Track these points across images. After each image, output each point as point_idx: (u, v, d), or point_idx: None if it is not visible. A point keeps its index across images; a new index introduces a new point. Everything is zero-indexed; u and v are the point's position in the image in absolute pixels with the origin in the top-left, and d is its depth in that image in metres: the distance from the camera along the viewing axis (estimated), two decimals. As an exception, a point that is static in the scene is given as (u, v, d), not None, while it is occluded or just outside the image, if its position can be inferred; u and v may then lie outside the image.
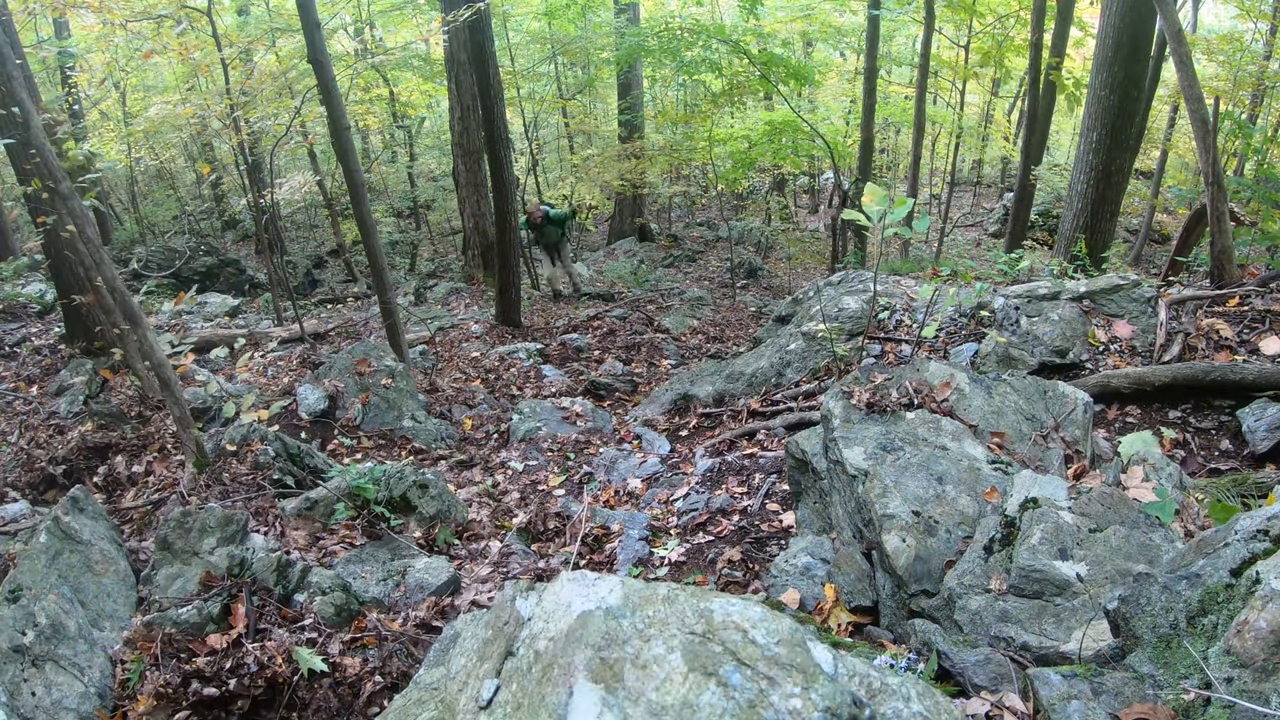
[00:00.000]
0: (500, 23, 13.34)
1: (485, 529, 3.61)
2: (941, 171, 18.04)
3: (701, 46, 9.84)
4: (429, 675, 1.31)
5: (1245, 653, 1.15)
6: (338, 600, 2.62)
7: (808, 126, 11.19)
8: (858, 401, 2.62)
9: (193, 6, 7.56)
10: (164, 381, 3.70)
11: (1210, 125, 4.65)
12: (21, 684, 2.04)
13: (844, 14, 13.91)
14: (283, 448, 3.91)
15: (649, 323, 9.02)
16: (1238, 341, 3.89)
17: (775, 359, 5.26)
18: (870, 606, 2.24)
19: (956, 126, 15.04)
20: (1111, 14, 7.28)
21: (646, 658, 0.86)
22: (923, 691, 0.95)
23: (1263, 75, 10.64)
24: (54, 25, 11.96)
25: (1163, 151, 12.71)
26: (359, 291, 11.86)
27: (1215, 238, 4.55)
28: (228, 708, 2.14)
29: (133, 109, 13.22)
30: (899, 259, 10.35)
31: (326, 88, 5.41)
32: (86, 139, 7.08)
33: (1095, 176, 7.59)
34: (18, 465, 4.42)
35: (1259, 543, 1.31)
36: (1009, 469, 2.35)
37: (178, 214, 16.79)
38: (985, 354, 4.30)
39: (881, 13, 10.27)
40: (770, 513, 3.42)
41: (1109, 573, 1.71)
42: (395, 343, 5.99)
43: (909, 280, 5.91)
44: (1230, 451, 3.38)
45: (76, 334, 6.79)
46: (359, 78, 11.46)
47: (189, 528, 2.69)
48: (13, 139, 4.52)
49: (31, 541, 2.51)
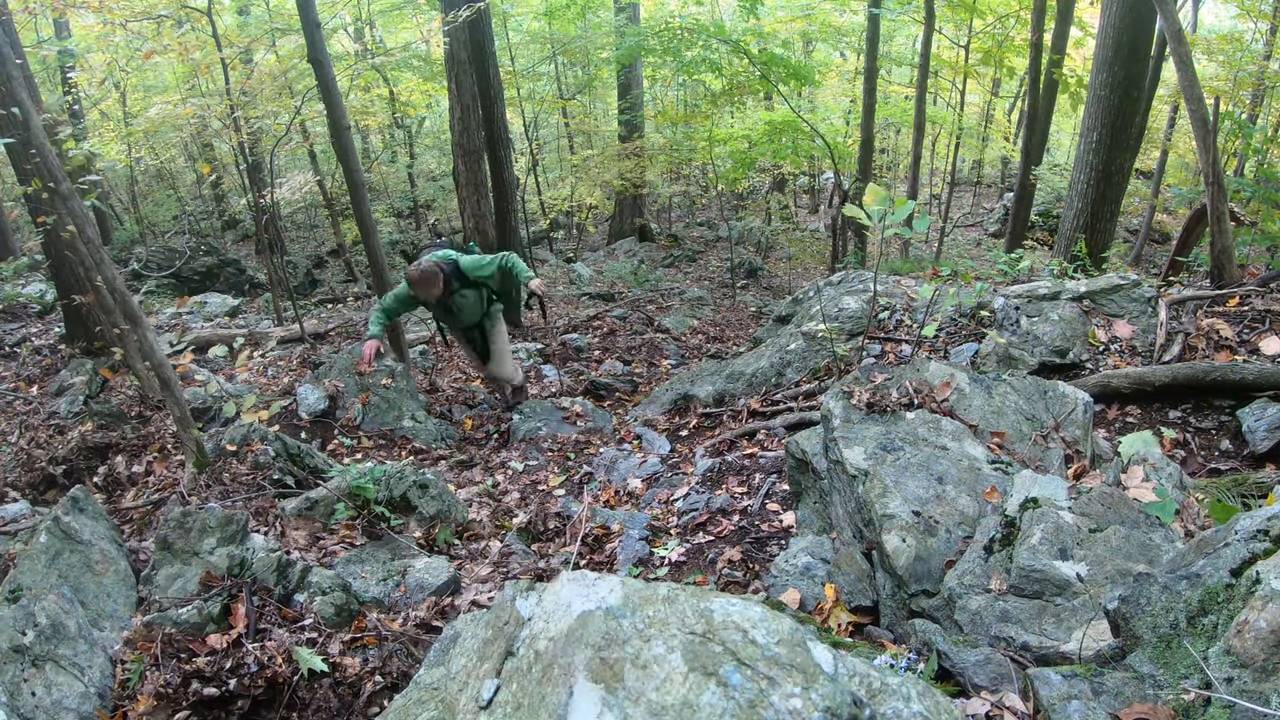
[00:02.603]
0: (500, 23, 13.34)
1: (485, 529, 3.61)
2: (941, 171, 18.04)
3: (701, 46, 9.84)
4: (429, 675, 1.31)
5: (1245, 653, 1.15)
6: (338, 600, 2.62)
7: (808, 126, 11.19)
8: (858, 401, 2.62)
9: (193, 6, 7.56)
10: (164, 381, 3.69)
11: (1210, 125, 4.65)
12: (21, 684, 2.04)
13: (844, 14, 13.90)
14: (283, 448, 3.91)
15: (649, 323, 9.02)
16: (1238, 341, 3.89)
17: (775, 359, 5.26)
18: (870, 606, 2.24)
19: (956, 126, 15.04)
20: (1111, 14, 7.29)
21: (647, 658, 0.86)
22: (923, 691, 0.95)
23: (1263, 75, 10.64)
24: (54, 25, 11.96)
25: (1163, 151, 12.71)
26: (359, 291, 11.86)
27: (1215, 238, 4.55)
28: (228, 708, 2.14)
29: (133, 109, 13.21)
30: (899, 259, 10.34)
31: (326, 88, 5.42)
32: (86, 139, 7.08)
33: (1095, 176, 7.59)
34: (18, 465, 4.42)
35: (1259, 543, 1.31)
36: (1009, 469, 2.35)
37: (178, 214, 16.79)
38: (985, 354, 4.30)
39: (881, 12, 10.27)
40: (770, 513, 3.42)
41: (1109, 573, 1.70)
42: (395, 343, 6.00)
43: (909, 280, 5.91)
44: (1230, 451, 3.38)
45: (76, 334, 6.79)
46: (359, 78, 11.46)
47: (189, 528, 2.69)
48: (13, 139, 4.52)
49: (31, 541, 2.51)
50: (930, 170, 18.67)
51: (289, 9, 11.53)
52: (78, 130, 7.97)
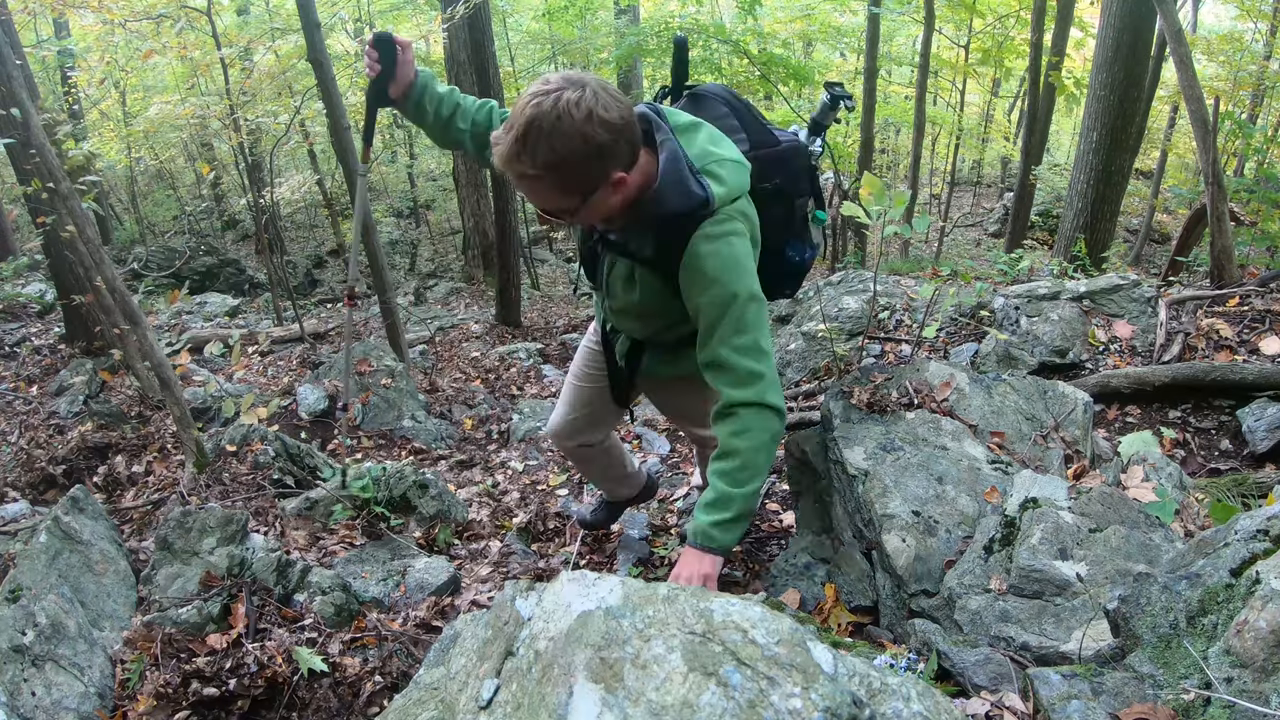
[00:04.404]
0: (500, 23, 13.34)
1: (485, 529, 3.61)
2: (941, 171, 18.04)
3: (701, 46, 9.84)
4: (429, 675, 1.31)
5: (1245, 653, 1.15)
6: (338, 600, 2.62)
7: (808, 126, 11.17)
8: (858, 401, 2.62)
9: (193, 6, 7.56)
10: (164, 381, 3.70)
11: (1210, 125, 4.65)
12: (21, 684, 2.04)
13: (844, 14, 13.90)
14: (283, 448, 3.91)
15: (649, 323, 9.00)
16: (1238, 341, 3.89)
17: (775, 359, 5.26)
18: (870, 606, 2.24)
19: (956, 126, 15.05)
20: (1111, 14, 7.29)
21: (646, 658, 0.86)
22: (923, 691, 0.95)
23: (1263, 75, 10.64)
24: (54, 25, 11.96)
25: (1163, 151, 12.71)
26: (360, 291, 11.86)
27: (1215, 238, 4.55)
28: (228, 708, 2.14)
29: (133, 109, 13.21)
30: (899, 259, 10.34)
31: (326, 88, 5.42)
32: (86, 139, 7.08)
33: (1095, 176, 7.60)
34: (18, 465, 4.42)
35: (1259, 543, 1.31)
36: (1009, 469, 2.35)
37: (178, 214, 16.79)
38: (985, 354, 4.30)
39: (881, 12, 10.28)
40: (770, 513, 3.42)
41: (1109, 573, 1.71)
42: (395, 342, 6.00)
43: (909, 280, 5.91)
44: (1230, 451, 3.38)
45: (76, 334, 6.79)
46: (359, 78, 11.45)
47: (189, 528, 2.69)
48: (13, 139, 4.52)
49: (31, 541, 2.51)
50: (930, 170, 18.66)
51: (289, 9, 11.53)
52: (78, 130, 7.96)
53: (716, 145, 1.68)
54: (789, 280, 2.21)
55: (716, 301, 1.67)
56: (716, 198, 1.60)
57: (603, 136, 1.46)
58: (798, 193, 2.02)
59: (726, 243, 1.64)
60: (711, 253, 1.64)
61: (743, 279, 1.67)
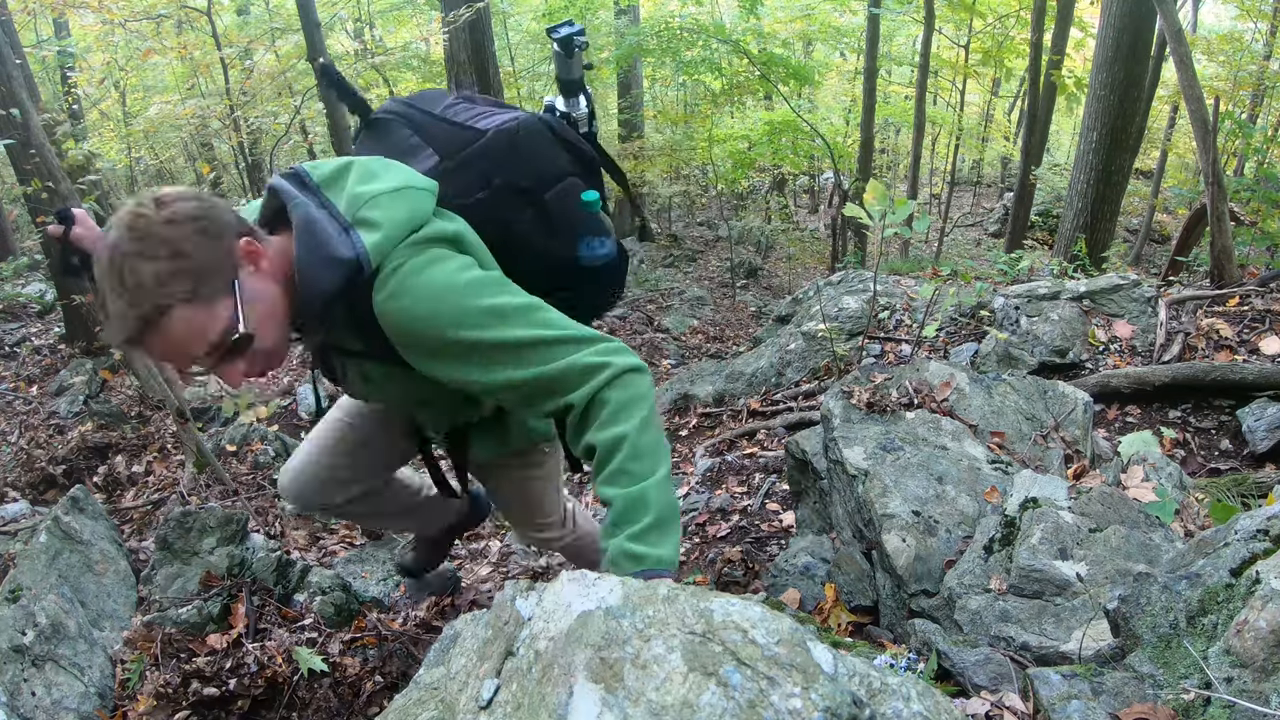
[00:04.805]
0: (500, 23, 13.33)
1: (485, 529, 3.61)
2: (941, 171, 18.04)
3: (701, 46, 9.85)
4: (429, 675, 1.31)
5: (1245, 652, 1.15)
6: (338, 600, 2.62)
7: (807, 126, 11.19)
8: (858, 401, 2.62)
9: (193, 6, 7.57)
10: (164, 381, 3.70)
11: (1210, 125, 4.65)
12: (21, 684, 2.04)
13: (844, 14, 13.90)
14: (283, 448, 3.91)
15: (649, 322, 9.02)
16: (1238, 341, 3.89)
17: (775, 359, 5.26)
18: (870, 606, 2.24)
19: (956, 126, 15.05)
20: (1111, 14, 7.29)
21: (646, 657, 0.86)
22: (923, 691, 0.95)
23: (1263, 75, 10.64)
24: (54, 25, 11.95)
25: (1163, 151, 12.72)
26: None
27: (1215, 238, 4.55)
28: (228, 708, 2.14)
29: (133, 109, 13.21)
30: (899, 259, 10.35)
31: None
32: (86, 139, 7.08)
33: (1095, 176, 7.60)
34: (18, 465, 4.42)
35: (1259, 543, 1.31)
36: (1009, 469, 2.35)
37: (178, 214, 16.75)
38: (985, 354, 4.30)
39: (881, 12, 10.28)
40: (770, 513, 3.42)
41: (1109, 573, 1.71)
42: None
43: (909, 280, 5.91)
44: (1230, 451, 3.38)
45: (76, 334, 6.78)
46: (359, 77, 11.45)
47: (189, 528, 2.69)
48: (13, 139, 4.52)
49: (31, 541, 2.51)
50: (930, 170, 18.67)
51: (289, 9, 11.52)
52: (78, 130, 7.97)
53: (367, 182, 1.32)
54: (592, 288, 1.67)
55: (460, 347, 1.27)
56: (371, 250, 1.24)
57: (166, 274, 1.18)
58: (542, 183, 1.53)
59: (415, 284, 1.26)
60: (404, 309, 1.26)
61: (466, 297, 1.27)
